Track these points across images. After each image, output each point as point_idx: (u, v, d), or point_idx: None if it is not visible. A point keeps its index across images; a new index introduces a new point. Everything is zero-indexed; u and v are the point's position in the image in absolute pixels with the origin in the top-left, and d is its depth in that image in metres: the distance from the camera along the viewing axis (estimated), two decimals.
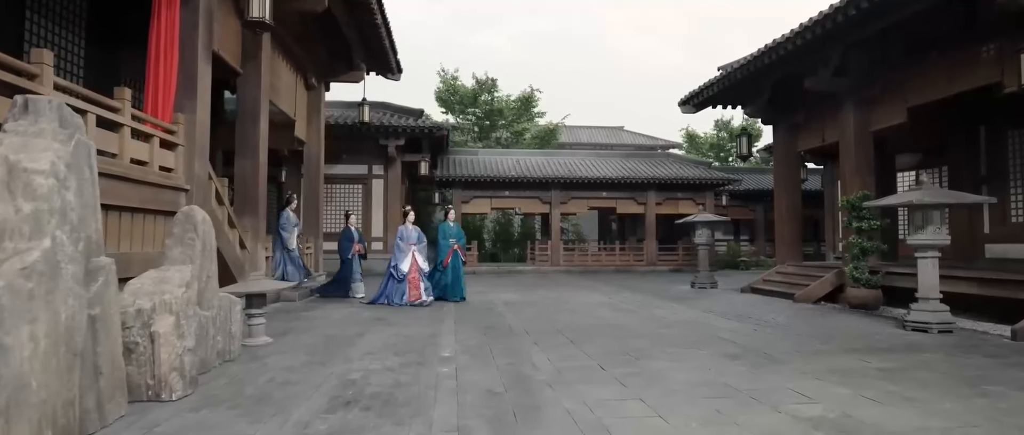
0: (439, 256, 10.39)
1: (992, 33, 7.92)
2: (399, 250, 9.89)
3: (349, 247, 10.98)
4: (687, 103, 13.94)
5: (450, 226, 10.68)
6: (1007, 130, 10.49)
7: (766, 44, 10.48)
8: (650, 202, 21.08)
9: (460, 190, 20.23)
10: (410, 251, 9.82)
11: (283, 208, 11.39)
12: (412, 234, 10.03)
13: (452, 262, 10.41)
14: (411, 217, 10.18)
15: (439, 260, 10.40)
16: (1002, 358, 5.59)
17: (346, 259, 10.91)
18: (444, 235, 10.53)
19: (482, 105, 27.66)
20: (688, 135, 35.04)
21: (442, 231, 10.58)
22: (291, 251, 10.89)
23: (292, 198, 11.39)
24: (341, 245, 11.01)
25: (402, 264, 9.69)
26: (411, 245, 9.91)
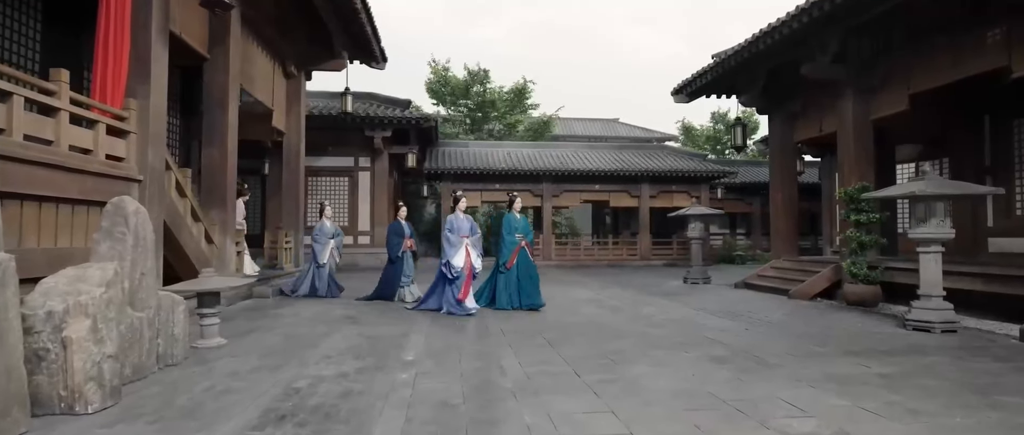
0: (502, 256, 8.48)
1: (1000, 15, 7.46)
2: (449, 243, 8.16)
3: (399, 243, 9.40)
4: (680, 92, 13.47)
5: (516, 218, 8.69)
6: (1013, 119, 10.05)
7: (761, 29, 10.01)
8: (644, 195, 20.62)
9: (450, 183, 19.76)
10: (463, 244, 8.13)
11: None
12: (464, 224, 8.27)
13: (520, 261, 8.45)
14: (462, 205, 8.48)
15: (502, 261, 8.44)
16: (1013, 362, 5.16)
17: (395, 257, 9.40)
18: (509, 229, 8.58)
19: (474, 97, 27.15)
20: (684, 127, 34.56)
21: (507, 224, 8.63)
22: (321, 266, 10.01)
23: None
24: (389, 241, 9.52)
25: (455, 259, 8.01)
26: (463, 237, 8.19)
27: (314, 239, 10.14)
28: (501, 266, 8.46)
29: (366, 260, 17.19)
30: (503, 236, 8.59)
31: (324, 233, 10.21)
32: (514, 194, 9.03)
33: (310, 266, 10.11)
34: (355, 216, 18.09)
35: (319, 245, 10.08)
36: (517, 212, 8.80)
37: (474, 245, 8.31)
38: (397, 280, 9.33)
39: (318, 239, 10.12)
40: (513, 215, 8.74)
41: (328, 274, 10.05)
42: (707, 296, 10.64)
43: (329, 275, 10.08)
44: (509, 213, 8.78)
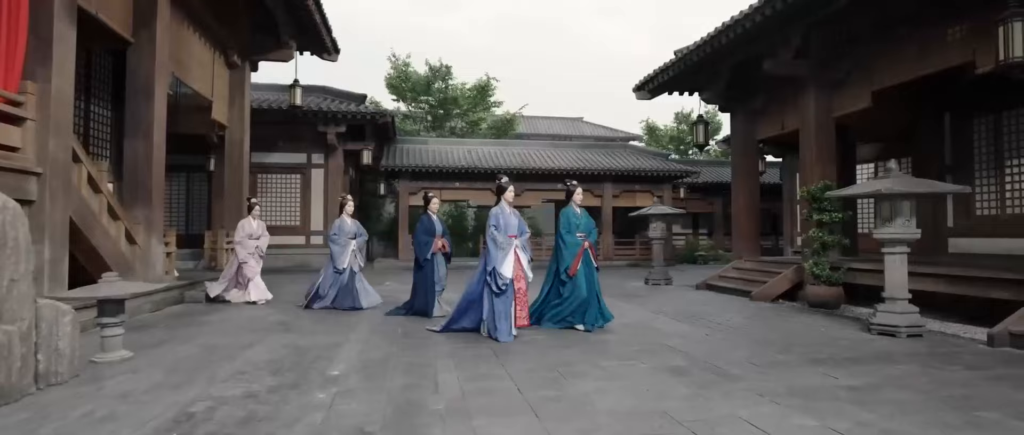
0: (563, 262, 6.80)
1: (963, 10, 7.26)
2: (495, 245, 6.26)
3: (428, 243, 7.68)
4: (642, 88, 13.14)
5: (577, 213, 6.96)
6: (973, 117, 9.94)
7: (724, 22, 9.70)
8: (607, 194, 20.33)
9: (408, 181, 19.15)
10: (511, 247, 6.29)
11: None
12: (511, 220, 6.46)
13: (583, 268, 6.78)
14: (509, 194, 6.65)
15: (564, 267, 6.77)
16: (985, 370, 4.86)
17: (424, 260, 7.67)
18: (569, 226, 6.85)
19: (435, 93, 26.50)
20: (648, 127, 34.51)
21: (566, 221, 6.91)
22: (341, 272, 8.41)
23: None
24: (417, 240, 7.85)
25: (503, 267, 6.17)
26: (512, 237, 6.39)
27: (331, 240, 8.60)
28: (562, 273, 6.81)
29: (318, 261, 16.37)
30: (561, 236, 6.91)
31: (343, 231, 8.57)
32: (573, 183, 7.18)
33: (326, 271, 8.56)
34: (307, 215, 17.33)
35: (338, 246, 8.49)
36: (578, 205, 7.06)
37: (524, 248, 6.53)
38: (432, 287, 7.63)
39: (336, 239, 8.55)
40: (573, 209, 6.98)
41: (348, 280, 8.40)
42: (668, 298, 10.30)
43: (349, 282, 8.42)
44: (569, 208, 7.01)
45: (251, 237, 9.20)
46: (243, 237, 9.13)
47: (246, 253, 9.03)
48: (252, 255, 9.10)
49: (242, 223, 9.31)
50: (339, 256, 8.44)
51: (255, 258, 9.16)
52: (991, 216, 9.60)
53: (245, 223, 9.30)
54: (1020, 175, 9.22)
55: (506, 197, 6.64)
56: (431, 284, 7.63)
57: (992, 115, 9.59)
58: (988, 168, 9.71)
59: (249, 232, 9.22)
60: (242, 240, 9.09)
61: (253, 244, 9.17)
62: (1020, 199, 9.18)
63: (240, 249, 9.05)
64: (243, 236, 9.14)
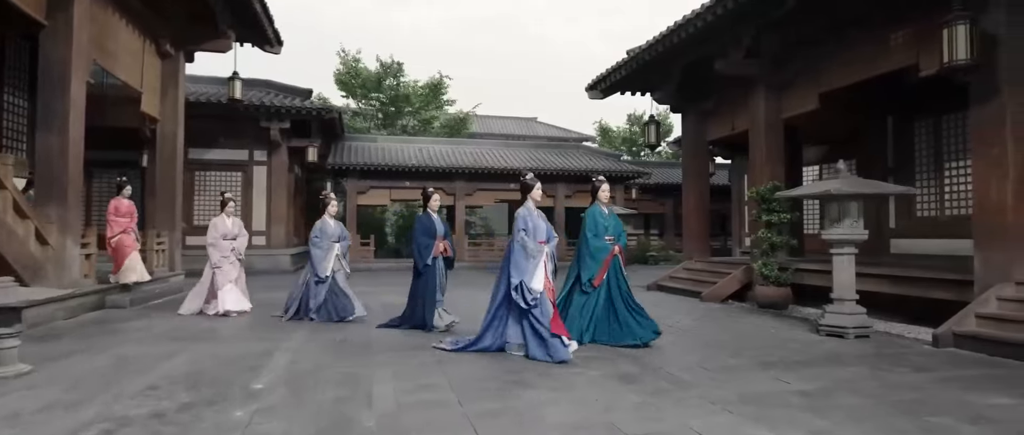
0: (587, 270, 5.90)
1: (908, 14, 7.33)
2: (526, 254, 5.31)
3: (429, 246, 6.71)
4: (594, 88, 13.03)
5: (603, 213, 6.13)
6: (914, 120, 10.18)
7: (676, 21, 9.64)
8: (559, 195, 20.23)
9: (356, 179, 18.59)
10: (542, 256, 5.36)
11: None
12: (540, 224, 5.51)
13: (611, 277, 5.97)
14: (537, 193, 5.67)
15: (587, 277, 5.89)
16: (932, 372, 4.83)
17: (424, 267, 6.71)
18: (595, 228, 6.01)
19: (387, 90, 25.91)
20: (601, 128, 34.71)
21: (592, 222, 6.04)
22: (322, 280, 7.35)
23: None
24: (416, 242, 6.82)
25: (533, 281, 5.25)
26: (541, 243, 5.42)
27: (313, 243, 7.51)
28: (585, 283, 5.88)
29: (261, 263, 15.71)
30: (587, 239, 6.00)
31: (326, 234, 7.52)
32: (600, 179, 6.26)
33: (306, 279, 7.53)
34: (249, 214, 16.56)
35: (320, 251, 7.43)
36: (604, 204, 6.18)
37: (552, 256, 5.57)
38: (431, 297, 6.68)
39: (318, 243, 7.48)
40: (600, 209, 6.12)
41: (329, 290, 7.36)
42: None
43: (331, 291, 7.38)
44: (594, 207, 6.15)
45: (226, 237, 8.07)
46: (216, 238, 7.97)
47: (220, 256, 7.92)
48: (227, 258, 7.98)
49: (215, 222, 8.17)
50: (321, 262, 7.40)
51: (231, 262, 8.02)
52: (931, 217, 9.83)
53: (219, 221, 8.16)
54: (958, 177, 9.46)
55: (533, 196, 5.60)
56: (432, 293, 6.66)
57: (932, 119, 9.83)
58: (928, 170, 9.94)
59: (223, 232, 8.07)
60: (216, 241, 7.96)
61: (228, 245, 8.06)
62: (958, 201, 9.42)
63: (213, 251, 7.93)
64: (216, 236, 7.98)
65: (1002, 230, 6.21)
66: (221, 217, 8.25)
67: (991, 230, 6.33)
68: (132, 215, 9.24)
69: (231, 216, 8.30)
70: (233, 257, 8.06)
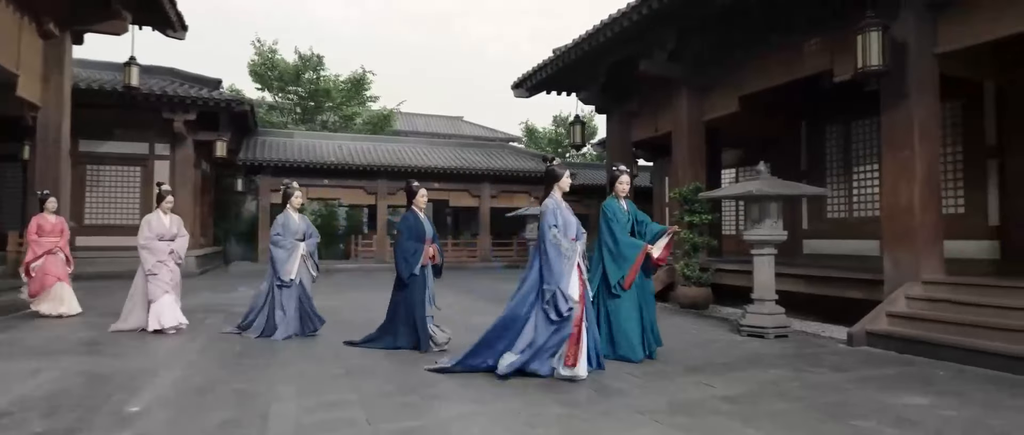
0: (618, 271, 5.17)
1: (824, 22, 7.51)
2: (558, 254, 4.52)
3: (416, 252, 5.57)
4: (520, 86, 12.83)
5: (622, 209, 5.40)
6: (826, 125, 10.56)
7: (602, 20, 9.56)
8: (485, 195, 19.97)
9: (270, 176, 17.60)
10: (575, 256, 4.62)
11: None
12: (570, 218, 4.80)
13: (639, 282, 5.31)
14: (565, 182, 4.88)
15: (618, 279, 5.17)
16: (850, 371, 4.87)
17: (409, 276, 5.58)
18: (619, 222, 5.29)
19: (305, 84, 24.79)
20: (527, 129, 34.72)
21: (612, 216, 5.31)
22: (285, 285, 6.25)
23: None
24: (400, 248, 5.59)
25: (570, 285, 4.51)
26: (574, 241, 4.70)
27: (273, 242, 6.33)
28: (614, 285, 5.17)
29: None
30: (614, 235, 5.20)
31: (289, 230, 6.36)
32: (621, 168, 5.45)
33: (267, 286, 6.34)
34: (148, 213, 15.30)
35: (282, 251, 6.25)
36: (623, 197, 5.43)
37: (583, 256, 4.75)
38: (422, 311, 5.56)
39: (280, 241, 6.29)
40: (618, 202, 5.39)
41: (298, 299, 6.28)
42: None
43: (301, 301, 6.31)
44: (611, 200, 5.44)
45: (162, 238, 6.65)
46: (150, 238, 6.54)
47: (155, 260, 6.49)
48: (164, 263, 6.56)
49: (149, 219, 6.72)
50: (284, 263, 6.20)
51: (169, 267, 6.60)
52: (841, 219, 10.23)
53: (153, 219, 6.74)
54: (866, 181, 9.87)
55: (561, 186, 4.79)
56: (421, 307, 5.53)
57: (843, 124, 10.22)
58: (838, 174, 10.34)
59: (159, 231, 6.64)
60: (149, 243, 6.52)
61: (165, 248, 6.62)
62: (866, 203, 9.84)
63: (147, 255, 6.48)
64: (150, 237, 6.54)
65: (910, 231, 6.43)
66: (156, 214, 6.81)
67: (899, 231, 6.55)
68: (62, 233, 8.19)
69: (168, 212, 6.87)
70: (171, 262, 6.66)
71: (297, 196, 6.69)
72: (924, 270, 6.32)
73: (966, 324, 5.42)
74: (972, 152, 8.25)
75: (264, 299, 6.34)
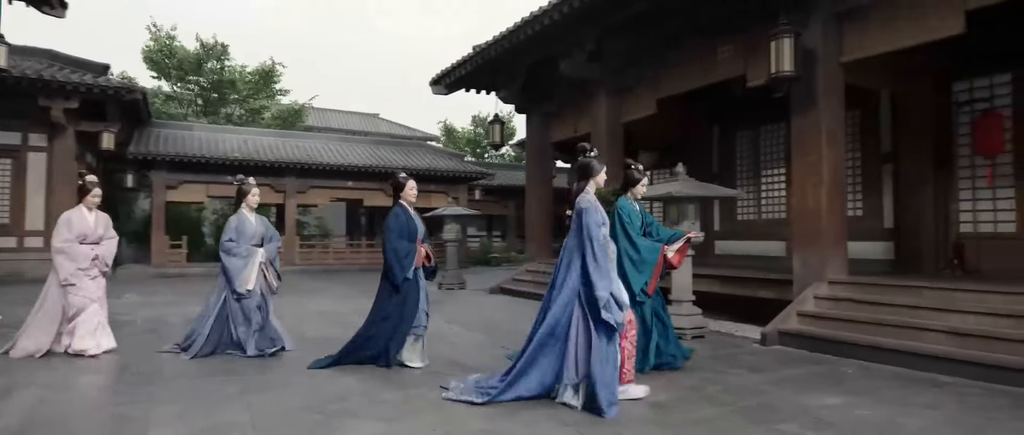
0: (641, 277, 4.66)
1: (739, 28, 7.67)
2: (606, 256, 4.00)
3: (411, 254, 4.96)
4: (438, 83, 12.47)
5: (634, 208, 4.96)
6: (736, 131, 10.91)
7: (523, 17, 9.40)
8: None
9: (166, 172, 16.25)
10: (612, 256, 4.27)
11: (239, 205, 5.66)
12: (634, 208, 4.74)
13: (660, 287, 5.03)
14: (602, 177, 4.25)
15: (640, 285, 4.65)
16: (767, 372, 4.90)
17: (400, 281, 4.90)
18: (634, 224, 4.82)
19: (208, 74, 23.18)
20: (446, 128, 34.29)
21: (627, 217, 4.79)
22: (243, 297, 5.35)
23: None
24: (390, 248, 4.93)
25: (623, 291, 4.07)
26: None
27: (225, 248, 5.40)
28: (638, 293, 4.66)
29: (36, 269, 13.04)
30: (631, 238, 4.69)
31: (245, 234, 5.46)
32: (640, 169, 5.07)
33: (217, 300, 5.43)
34: (21, 211, 13.75)
35: (236, 258, 5.37)
36: (637, 198, 5.03)
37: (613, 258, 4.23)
38: (408, 322, 4.91)
39: (233, 247, 5.39)
40: (631, 203, 4.93)
41: (256, 311, 5.39)
42: (462, 303, 9.72)
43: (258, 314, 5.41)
44: (624, 200, 4.94)
45: (85, 240, 5.38)
46: (70, 240, 5.28)
47: (75, 268, 5.26)
48: (87, 272, 5.34)
49: (69, 217, 5.37)
50: (240, 272, 5.33)
51: (92, 276, 5.40)
52: (750, 220, 10.59)
53: (75, 217, 5.38)
54: (773, 184, 10.27)
55: (598, 181, 4.24)
56: (409, 317, 4.90)
57: (752, 129, 10.59)
58: (748, 177, 10.70)
59: (82, 231, 5.36)
60: (68, 246, 5.27)
61: (88, 253, 5.37)
62: (773, 206, 10.23)
63: (65, 262, 5.26)
64: (70, 238, 5.29)
65: (817, 232, 6.65)
66: (78, 211, 5.44)
67: (807, 232, 6.76)
68: None
69: (93, 210, 5.52)
70: (96, 270, 5.44)
71: (253, 194, 5.66)
72: (830, 270, 6.55)
73: (869, 322, 5.63)
74: (869, 158, 8.73)
75: (213, 315, 5.36)
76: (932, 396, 4.19)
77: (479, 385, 4.07)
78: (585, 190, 4.19)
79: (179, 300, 9.35)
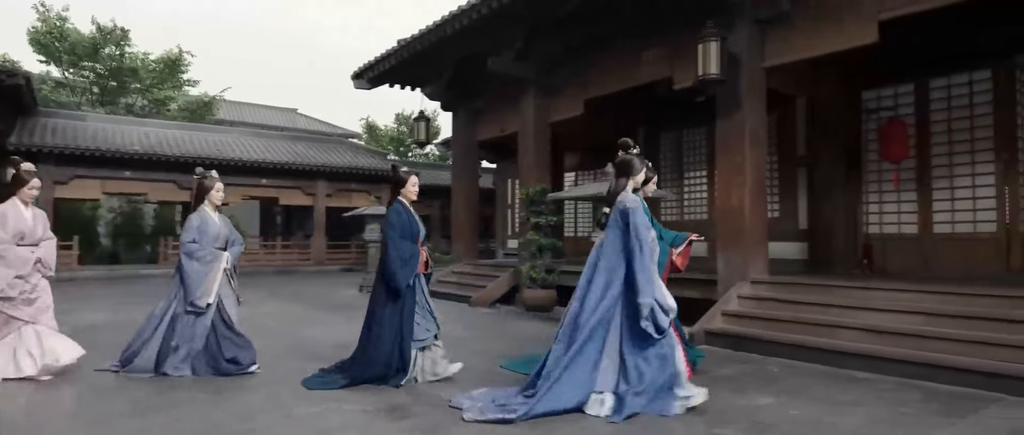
0: None
1: (666, 31, 7.73)
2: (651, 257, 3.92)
3: (413, 256, 4.53)
4: (361, 76, 11.96)
5: (646, 209, 4.46)
6: (660, 133, 11.08)
7: (451, 11, 9.12)
8: (320, 193, 18.63)
9: (54, 166, 14.77)
10: None
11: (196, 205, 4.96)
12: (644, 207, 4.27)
13: None
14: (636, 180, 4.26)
15: None
16: (704, 373, 4.87)
17: (401, 287, 4.41)
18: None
19: (106, 60, 21.42)
20: (368, 126, 33.36)
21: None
22: (201, 310, 4.66)
23: None
24: (393, 250, 4.46)
25: (668, 296, 3.87)
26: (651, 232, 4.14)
27: (186, 252, 4.72)
28: None
29: None
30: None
31: (208, 235, 4.82)
32: (651, 166, 4.82)
33: (165, 309, 4.74)
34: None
35: (198, 263, 4.71)
36: (648, 194, 4.81)
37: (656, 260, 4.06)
38: (409, 332, 4.41)
39: (196, 250, 4.74)
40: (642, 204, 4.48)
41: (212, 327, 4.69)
42: None
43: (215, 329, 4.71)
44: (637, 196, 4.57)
45: (23, 240, 4.53)
46: (6, 241, 4.43)
47: (13, 276, 4.39)
48: (26, 280, 4.48)
49: (3, 212, 4.50)
50: (202, 281, 4.67)
51: (34, 284, 4.57)
52: (674, 221, 10.76)
53: (11, 212, 4.52)
54: (696, 186, 10.49)
55: (637, 180, 4.17)
56: (409, 329, 4.41)
57: (676, 132, 10.79)
58: (672, 179, 10.90)
59: (20, 230, 4.51)
60: (4, 249, 4.41)
61: (29, 256, 4.53)
62: (696, 207, 10.45)
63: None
64: (7, 239, 4.44)
65: (741, 232, 6.77)
66: (12, 204, 4.56)
67: (731, 232, 6.88)
68: None
69: (31, 205, 4.70)
70: (38, 276, 4.61)
71: (218, 189, 5.00)
72: (752, 270, 6.68)
73: (791, 321, 5.77)
74: (785, 162, 9.06)
75: (157, 324, 4.68)
76: (854, 393, 4.28)
77: (497, 401, 3.72)
78: (625, 188, 4.01)
79: (73, 307, 8.40)
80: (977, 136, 7.34)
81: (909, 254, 7.77)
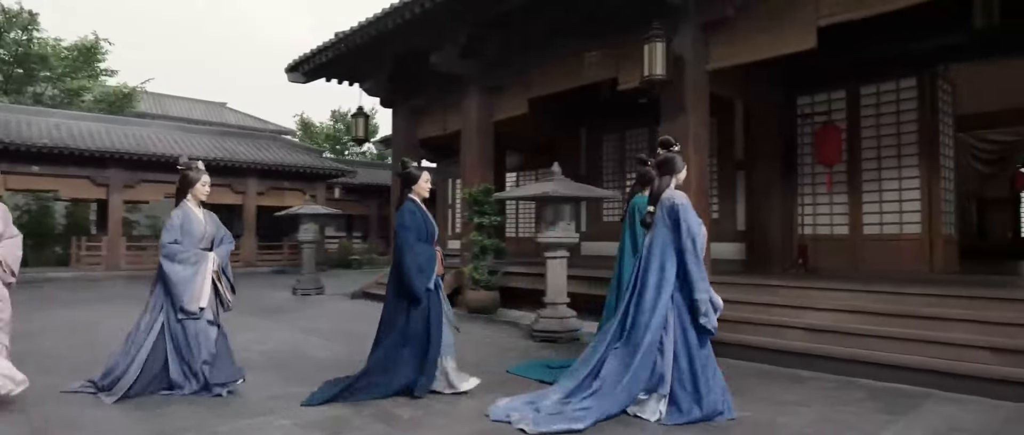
0: None
1: (611, 31, 7.69)
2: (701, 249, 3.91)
3: (430, 259, 4.24)
4: (296, 69, 11.43)
5: None
6: (603, 134, 11.11)
7: (392, 4, 8.81)
8: (251, 191, 17.80)
9: None
10: None
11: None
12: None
13: None
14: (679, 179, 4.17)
15: None
16: None
17: (423, 292, 4.14)
18: None
19: (10, 45, 19.78)
20: (302, 122, 32.29)
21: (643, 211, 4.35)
22: (192, 317, 4.16)
23: None
24: (408, 252, 4.15)
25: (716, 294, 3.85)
26: None
27: (167, 254, 4.20)
28: None
29: None
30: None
31: (191, 234, 4.33)
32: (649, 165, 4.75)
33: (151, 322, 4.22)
34: None
35: (182, 266, 4.20)
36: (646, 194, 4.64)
37: None
38: (436, 341, 4.14)
39: (178, 251, 4.22)
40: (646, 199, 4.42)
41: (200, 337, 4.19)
42: (321, 311, 8.94)
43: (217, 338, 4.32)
44: (641, 196, 4.89)
45: None
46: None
47: None
48: None
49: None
50: (189, 284, 4.18)
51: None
52: (615, 223, 10.79)
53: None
54: None
55: (680, 178, 4.13)
56: (438, 336, 4.15)
57: (618, 133, 10.84)
58: (613, 180, 10.95)
59: None
60: None
61: None
62: None
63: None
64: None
65: None
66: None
67: None
68: None
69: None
70: None
71: (203, 183, 4.51)
72: None
73: (734, 321, 5.79)
74: (725, 164, 9.23)
75: (143, 340, 4.14)
76: (800, 393, 4.32)
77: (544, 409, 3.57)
78: (669, 186, 3.98)
79: None
80: (904, 141, 7.67)
81: (840, 254, 8.04)
